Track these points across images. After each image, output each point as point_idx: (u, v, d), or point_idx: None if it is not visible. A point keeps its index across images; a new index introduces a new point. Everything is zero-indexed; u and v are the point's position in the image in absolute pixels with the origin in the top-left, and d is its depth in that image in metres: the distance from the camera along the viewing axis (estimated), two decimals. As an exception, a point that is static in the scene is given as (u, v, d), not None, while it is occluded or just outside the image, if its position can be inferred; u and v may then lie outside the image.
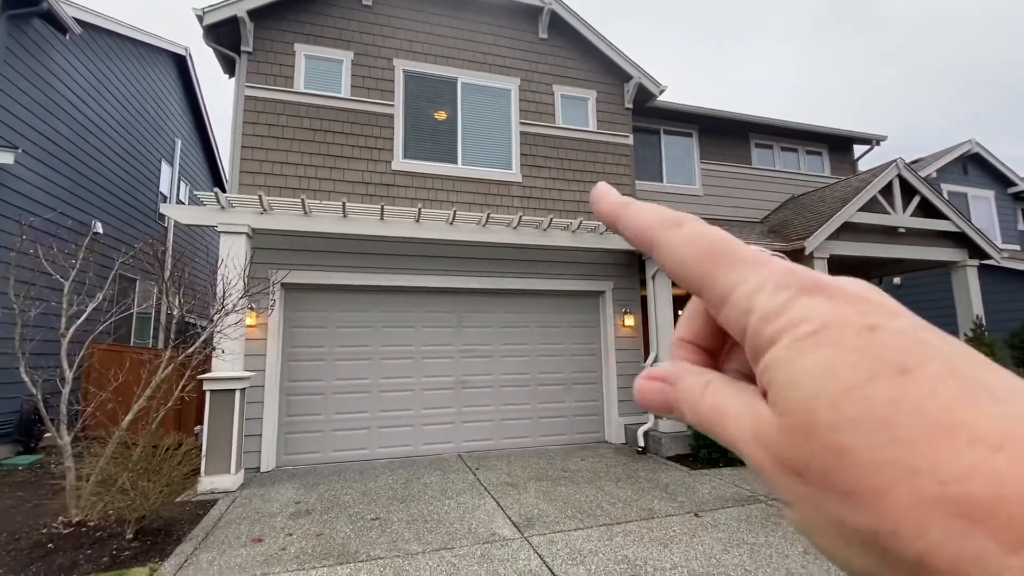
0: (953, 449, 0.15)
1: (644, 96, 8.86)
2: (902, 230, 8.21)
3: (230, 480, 5.35)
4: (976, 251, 8.60)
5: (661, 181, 9.63)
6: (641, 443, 7.08)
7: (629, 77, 8.65)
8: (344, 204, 6.23)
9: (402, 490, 5.34)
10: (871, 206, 8.03)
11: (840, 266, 9.71)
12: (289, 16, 7.23)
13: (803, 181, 10.63)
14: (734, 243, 0.23)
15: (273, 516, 4.55)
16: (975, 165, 13.00)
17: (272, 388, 6.37)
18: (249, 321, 6.14)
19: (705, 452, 6.47)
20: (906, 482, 0.16)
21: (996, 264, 9.11)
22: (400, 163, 7.42)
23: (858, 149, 11.49)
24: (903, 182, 8.24)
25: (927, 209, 8.41)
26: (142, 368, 4.95)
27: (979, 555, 0.14)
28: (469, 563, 3.56)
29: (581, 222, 7.21)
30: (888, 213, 8.11)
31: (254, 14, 6.94)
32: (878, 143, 11.29)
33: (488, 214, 6.79)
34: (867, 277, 10.50)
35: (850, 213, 7.76)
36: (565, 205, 8.10)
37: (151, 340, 10.62)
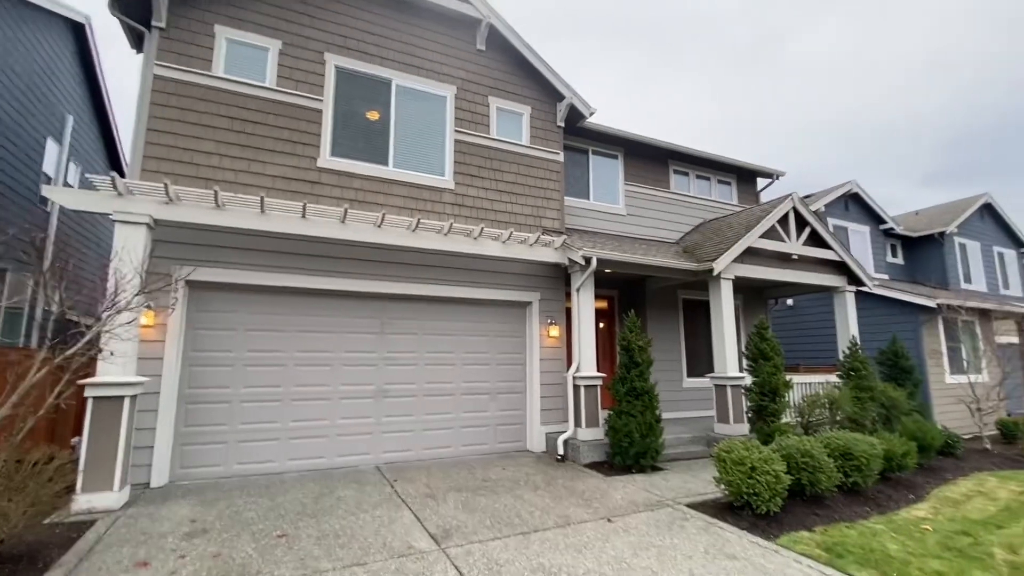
0: None
1: (575, 116, 9.20)
2: (795, 257, 9.14)
3: (112, 498, 4.79)
4: (854, 279, 9.75)
5: (589, 199, 10.01)
6: (561, 451, 7.25)
7: (562, 97, 8.96)
8: (263, 199, 5.87)
9: (313, 504, 5.06)
10: (771, 234, 8.87)
11: (743, 287, 10.59)
12: (210, -5, 6.74)
13: (714, 207, 11.52)
14: None
15: (163, 536, 4.13)
16: (855, 203, 14.78)
17: (169, 395, 5.81)
18: (145, 321, 5.58)
19: (620, 459, 6.74)
20: None
21: (869, 291, 10.40)
22: (327, 160, 7.13)
23: (761, 182, 12.67)
24: (797, 214, 9.19)
25: (816, 239, 9.43)
26: (8, 371, 4.32)
27: None
28: (383, 578, 3.44)
29: (511, 233, 7.31)
30: (784, 241, 9.00)
31: (169, -12, 6.40)
32: (778, 177, 12.51)
33: (419, 219, 6.70)
34: (765, 299, 11.56)
35: (753, 239, 8.52)
36: (497, 215, 8.18)
37: (23, 339, 9.30)
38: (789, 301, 14.09)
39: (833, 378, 8.78)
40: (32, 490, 3.65)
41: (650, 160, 10.93)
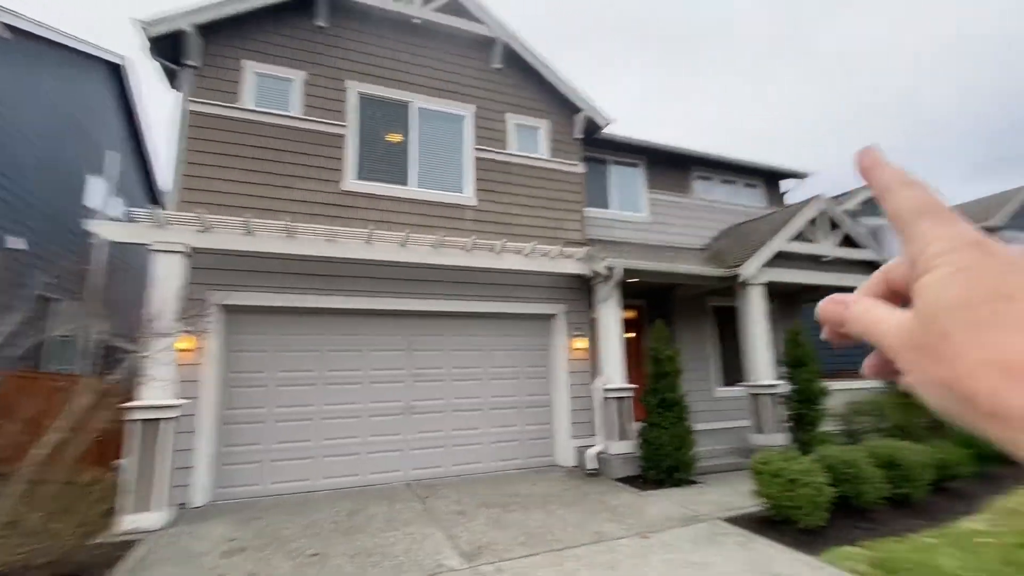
0: (1010, 338, 0.26)
1: (593, 128, 9.21)
2: (828, 259, 8.85)
3: (155, 517, 4.94)
4: (892, 279, 9.35)
5: (611, 208, 9.97)
6: (592, 465, 7.13)
7: (579, 109, 9.00)
8: (287, 224, 6.06)
9: (346, 522, 5.11)
10: (800, 236, 8.63)
11: (777, 292, 10.30)
12: (239, 33, 7.07)
13: (741, 211, 11.30)
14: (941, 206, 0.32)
15: (203, 555, 4.23)
16: (890, 201, 14.26)
17: (207, 416, 5.99)
18: (183, 345, 5.79)
19: (653, 473, 6.59)
20: (975, 351, 0.27)
21: (910, 291, 9.95)
22: (351, 184, 7.32)
23: (790, 183, 12.37)
24: (828, 215, 8.92)
25: (850, 240, 9.12)
26: (58, 396, 4.55)
27: (1010, 392, 0.26)
28: (415, 597, 3.43)
29: (534, 246, 7.33)
30: (815, 243, 8.74)
31: (202, 29, 6.75)
32: (805, 177, 12.20)
33: (442, 237, 6.79)
34: (799, 303, 11.21)
35: (781, 243, 8.30)
36: (519, 229, 8.21)
37: (71, 365, 9.76)
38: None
39: (878, 384, 8.40)
40: (81, 511, 3.81)
41: (673, 167, 10.83)
